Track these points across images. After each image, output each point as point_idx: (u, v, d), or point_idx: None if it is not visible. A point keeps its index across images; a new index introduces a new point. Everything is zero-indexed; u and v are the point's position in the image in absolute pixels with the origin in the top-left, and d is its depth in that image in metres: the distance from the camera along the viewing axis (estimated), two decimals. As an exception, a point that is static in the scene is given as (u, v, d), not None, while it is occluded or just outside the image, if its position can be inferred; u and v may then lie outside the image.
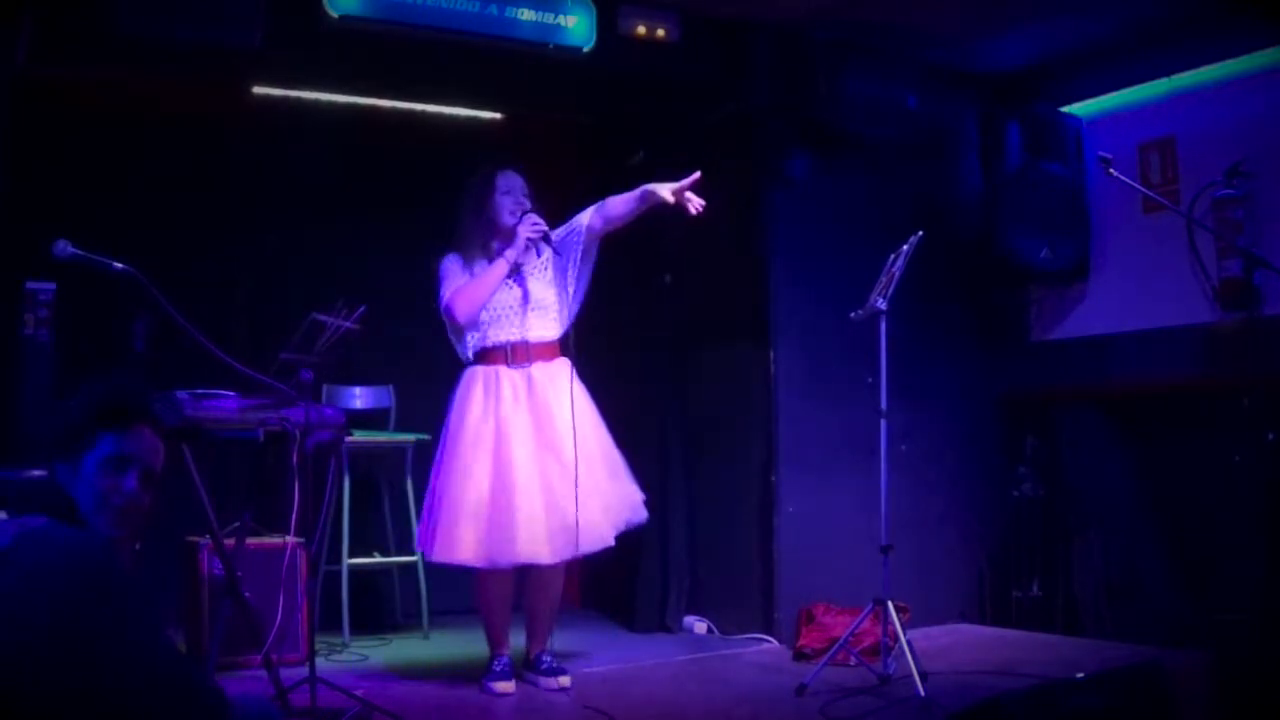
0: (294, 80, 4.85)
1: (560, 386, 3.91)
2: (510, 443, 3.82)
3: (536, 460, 3.82)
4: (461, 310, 3.89)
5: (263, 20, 3.88)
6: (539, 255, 4.01)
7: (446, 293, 3.93)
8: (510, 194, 3.98)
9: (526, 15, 4.29)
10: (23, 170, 4.04)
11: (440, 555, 3.83)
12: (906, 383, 4.55)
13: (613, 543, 3.93)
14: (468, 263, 3.98)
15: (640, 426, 5.24)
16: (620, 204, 3.99)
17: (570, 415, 3.86)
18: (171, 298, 3.03)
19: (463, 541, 3.77)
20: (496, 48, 4.32)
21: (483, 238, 3.97)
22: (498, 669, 3.92)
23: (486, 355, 3.96)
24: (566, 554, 3.85)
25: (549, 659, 3.99)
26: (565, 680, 3.93)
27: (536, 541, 3.75)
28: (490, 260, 3.95)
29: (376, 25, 4.10)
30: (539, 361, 3.94)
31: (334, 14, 4.01)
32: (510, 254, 3.90)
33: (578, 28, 4.38)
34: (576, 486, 3.77)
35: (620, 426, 4.15)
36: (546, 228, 3.93)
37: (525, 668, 4.04)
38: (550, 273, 4.03)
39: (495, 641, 3.98)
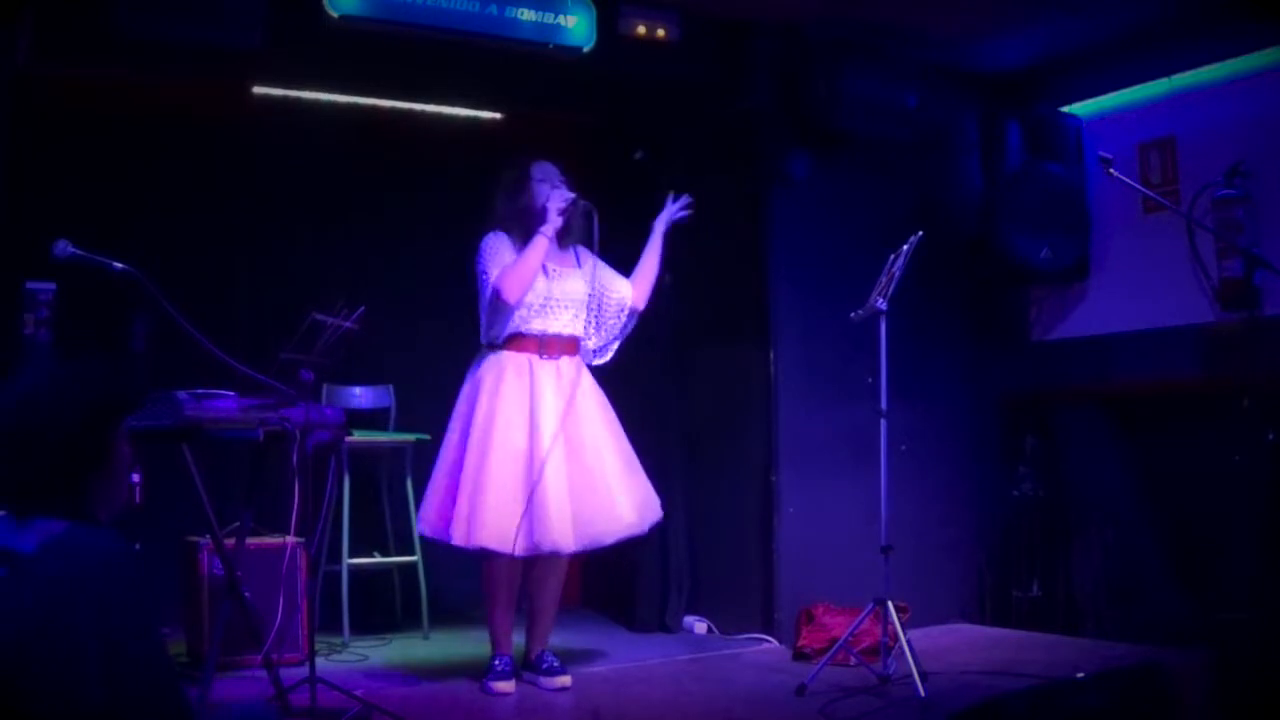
0: (294, 80, 4.85)
1: (583, 382, 3.97)
2: (543, 431, 3.83)
3: (567, 450, 3.84)
4: (510, 289, 3.87)
5: (263, 20, 3.88)
6: (568, 254, 4.04)
7: (494, 271, 3.91)
8: (546, 180, 4.02)
9: (526, 15, 4.29)
10: (23, 170, 4.04)
11: (470, 540, 3.77)
12: (906, 383, 4.55)
13: (644, 531, 4.01)
14: (515, 243, 3.99)
15: (640, 426, 5.21)
16: (650, 264, 4.20)
17: (594, 410, 3.95)
18: (171, 297, 3.03)
19: (495, 526, 3.75)
20: (496, 48, 4.32)
21: (522, 223, 3.99)
22: (499, 668, 3.92)
23: (518, 342, 3.95)
24: (596, 542, 3.89)
25: (550, 659, 3.99)
26: (565, 680, 3.93)
27: (567, 529, 3.77)
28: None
29: (376, 25, 4.09)
30: (566, 356, 3.97)
31: (334, 14, 4.01)
32: (547, 229, 3.93)
33: (578, 28, 4.38)
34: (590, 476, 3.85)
35: (621, 426, 4.15)
36: (574, 196, 3.97)
37: (525, 667, 4.04)
38: (586, 281, 4.05)
39: (498, 640, 3.98)
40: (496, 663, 3.94)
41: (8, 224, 3.81)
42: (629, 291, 4.17)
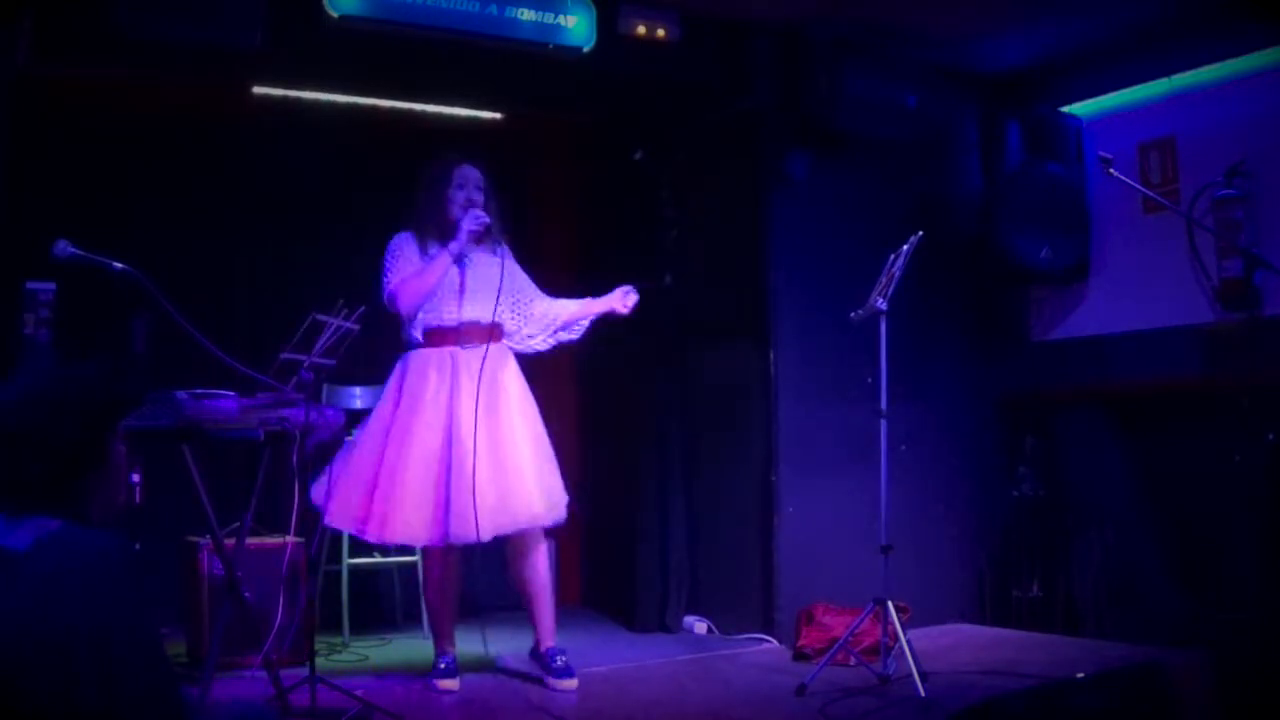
0: (294, 80, 4.85)
1: (502, 368, 3.96)
2: (463, 427, 3.81)
3: (488, 439, 3.83)
4: (405, 301, 3.91)
5: (263, 20, 3.88)
6: (483, 248, 4.02)
7: (393, 280, 3.95)
8: (464, 188, 4.00)
9: (526, 15, 4.29)
10: (23, 170, 4.04)
11: (391, 537, 3.83)
12: (906, 383, 4.55)
13: (547, 524, 3.94)
14: (423, 245, 3.99)
15: (640, 426, 5.25)
16: (572, 315, 4.18)
17: (512, 400, 3.93)
18: (171, 298, 3.03)
19: (419, 522, 3.78)
20: (496, 48, 4.32)
21: (436, 227, 3.99)
22: (443, 666, 3.93)
23: (439, 335, 3.95)
24: (505, 529, 3.83)
25: (559, 658, 3.96)
26: (571, 684, 3.90)
27: (485, 520, 3.73)
28: (442, 246, 3.95)
29: (376, 25, 4.09)
30: (488, 343, 3.91)
31: (334, 14, 4.01)
32: (454, 246, 3.91)
33: (578, 28, 4.38)
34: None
35: (620, 426, 4.15)
36: (488, 220, 3.93)
37: (534, 658, 4.03)
38: (501, 271, 3.97)
39: (440, 635, 3.99)
40: (440, 660, 3.94)
41: (8, 224, 3.81)
42: (557, 311, 4.15)
